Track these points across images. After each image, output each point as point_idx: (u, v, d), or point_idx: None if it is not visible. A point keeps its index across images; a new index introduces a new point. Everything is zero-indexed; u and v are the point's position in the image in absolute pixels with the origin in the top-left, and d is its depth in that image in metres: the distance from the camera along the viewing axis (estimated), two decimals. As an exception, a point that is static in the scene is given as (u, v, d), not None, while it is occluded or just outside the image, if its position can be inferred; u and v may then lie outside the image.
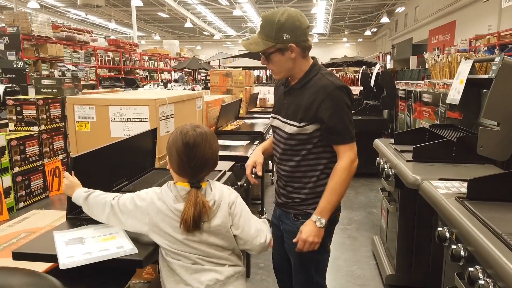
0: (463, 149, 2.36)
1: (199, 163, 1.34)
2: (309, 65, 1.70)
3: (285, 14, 1.57)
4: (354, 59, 12.80)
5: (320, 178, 1.71)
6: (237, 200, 1.43)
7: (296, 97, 1.70)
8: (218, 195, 1.38)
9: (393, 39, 22.40)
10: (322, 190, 1.67)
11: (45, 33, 9.25)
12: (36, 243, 1.40)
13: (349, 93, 1.66)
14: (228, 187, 1.46)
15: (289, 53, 1.61)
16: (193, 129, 1.36)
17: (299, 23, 1.59)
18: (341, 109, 1.62)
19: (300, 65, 1.67)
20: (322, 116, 1.62)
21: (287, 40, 1.58)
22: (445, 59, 4.11)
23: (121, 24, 24.11)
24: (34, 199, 4.58)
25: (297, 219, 1.74)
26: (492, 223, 1.38)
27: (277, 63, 1.65)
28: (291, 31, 1.57)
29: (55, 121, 4.88)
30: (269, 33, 1.58)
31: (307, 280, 1.80)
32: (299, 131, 1.67)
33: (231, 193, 1.44)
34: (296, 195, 1.74)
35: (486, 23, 10.57)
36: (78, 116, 2.72)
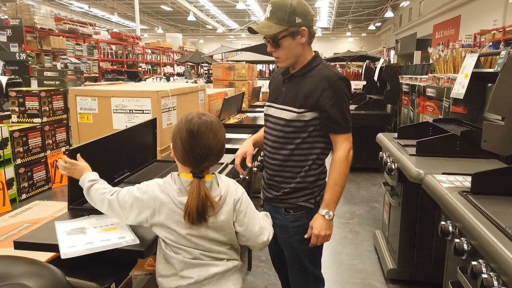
0: (467, 143, 2.35)
1: (203, 152, 1.28)
2: (312, 55, 1.72)
3: (297, 0, 1.61)
4: (358, 54, 12.74)
5: (311, 168, 1.71)
6: (243, 196, 1.39)
7: (296, 84, 1.70)
8: (224, 190, 1.34)
9: (397, 33, 22.26)
10: (312, 180, 1.71)
11: (48, 25, 9.23)
12: (38, 233, 1.40)
13: (348, 85, 1.71)
14: (234, 181, 1.42)
15: (300, 38, 1.63)
16: (198, 116, 1.31)
17: (308, 8, 1.63)
18: (342, 100, 1.65)
19: (306, 52, 1.69)
20: (324, 105, 1.63)
21: (299, 24, 1.60)
22: (449, 54, 4.07)
23: (124, 17, 24.04)
24: (37, 191, 4.59)
25: (288, 212, 1.74)
26: (496, 217, 1.37)
27: (286, 48, 1.65)
28: (303, 15, 1.60)
29: (57, 113, 4.88)
30: (281, 16, 1.59)
31: (303, 271, 1.81)
32: (297, 118, 1.68)
33: (238, 188, 1.40)
34: (286, 185, 1.73)
35: (491, 18, 10.48)
36: (80, 108, 2.71)
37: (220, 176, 1.39)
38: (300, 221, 1.73)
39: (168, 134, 2.74)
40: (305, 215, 1.73)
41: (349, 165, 1.68)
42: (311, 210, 1.72)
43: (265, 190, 1.84)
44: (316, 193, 1.73)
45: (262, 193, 1.88)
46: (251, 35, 10.63)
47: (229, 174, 2.11)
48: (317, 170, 1.73)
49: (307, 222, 1.72)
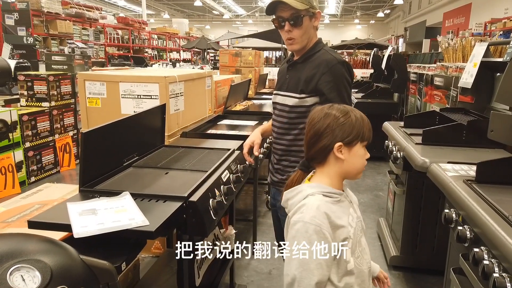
0: (474, 133, 2.35)
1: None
2: (315, 41, 1.76)
3: None
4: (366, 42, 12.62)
5: None
6: (299, 223, 1.12)
7: (298, 71, 1.75)
8: (294, 199, 1.21)
9: (406, 21, 21.94)
10: None
11: (55, 9, 9.21)
12: (51, 213, 1.44)
13: (349, 69, 1.72)
14: (320, 206, 1.14)
15: (314, 20, 1.70)
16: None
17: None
18: (341, 83, 1.67)
19: (313, 37, 1.74)
20: (322, 88, 1.67)
21: (315, 7, 1.68)
22: (458, 43, 4.03)
23: (130, 2, 23.87)
24: (45, 174, 4.66)
25: None
26: (500, 205, 1.38)
27: (304, 28, 1.68)
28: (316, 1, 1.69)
29: (65, 98, 4.92)
30: None
31: None
32: (299, 103, 1.72)
33: (309, 212, 1.12)
34: (291, 169, 1.75)
35: (502, 7, 10.29)
36: (89, 92, 2.74)
37: (311, 185, 1.21)
38: None
39: (175, 120, 2.77)
40: None
41: None
42: None
43: (272, 174, 1.89)
44: None
45: (269, 177, 1.93)
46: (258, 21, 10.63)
47: (236, 160, 2.14)
48: None
49: None
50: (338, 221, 1.14)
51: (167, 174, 1.88)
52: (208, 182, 1.73)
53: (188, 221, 1.51)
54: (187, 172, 1.90)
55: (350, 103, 1.68)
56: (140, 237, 1.33)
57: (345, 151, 1.18)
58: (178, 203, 1.49)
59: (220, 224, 2.18)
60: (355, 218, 1.21)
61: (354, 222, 1.19)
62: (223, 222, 2.26)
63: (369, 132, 1.21)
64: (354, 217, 1.21)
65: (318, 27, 1.75)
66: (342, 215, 1.17)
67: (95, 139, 1.63)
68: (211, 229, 1.72)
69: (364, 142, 1.21)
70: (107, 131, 1.71)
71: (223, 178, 1.89)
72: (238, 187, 2.03)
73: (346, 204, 1.22)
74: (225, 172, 1.94)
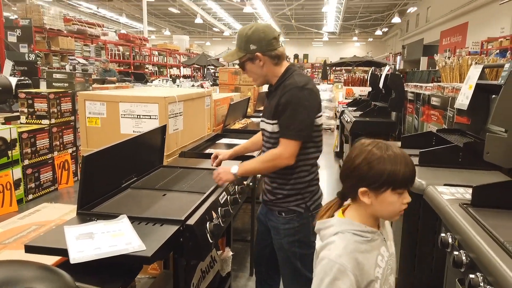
0: (470, 155, 2.36)
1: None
2: (283, 70, 1.84)
3: (253, 28, 1.80)
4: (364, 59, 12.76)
5: (300, 174, 1.83)
6: (325, 260, 1.11)
7: (272, 99, 1.84)
8: (325, 231, 1.19)
9: (403, 39, 22.23)
10: (303, 187, 1.83)
11: (57, 26, 9.35)
12: (48, 237, 1.45)
13: (310, 94, 1.75)
14: (344, 238, 1.14)
15: (258, 61, 1.81)
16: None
17: (264, 34, 1.78)
18: (294, 106, 1.72)
19: (273, 71, 1.84)
20: (279, 111, 1.76)
21: (254, 50, 1.79)
22: (456, 62, 4.08)
23: (132, 19, 24.22)
24: (43, 192, 4.65)
25: (280, 215, 1.87)
26: (495, 230, 1.39)
27: (250, 71, 1.86)
28: (257, 42, 1.78)
29: (65, 115, 4.95)
30: (240, 45, 1.82)
31: (295, 272, 1.90)
32: (274, 129, 1.82)
33: (336, 250, 1.10)
34: (280, 191, 1.85)
35: (498, 26, 10.45)
36: (89, 112, 2.77)
37: (340, 220, 1.19)
38: (290, 224, 1.85)
39: (174, 140, 2.79)
40: (295, 218, 1.84)
41: (274, 162, 1.77)
42: (301, 214, 1.84)
43: (264, 194, 1.96)
44: (307, 198, 1.86)
45: (261, 196, 2.00)
46: None
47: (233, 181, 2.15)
48: (308, 177, 1.85)
49: (297, 225, 1.84)
50: (366, 261, 1.12)
51: (165, 196, 1.89)
52: (205, 204, 1.74)
53: (185, 245, 1.52)
54: (185, 194, 1.91)
55: (304, 127, 1.73)
56: (136, 262, 1.34)
57: (371, 196, 1.13)
58: (175, 227, 1.49)
59: (217, 245, 2.18)
60: (386, 257, 1.18)
61: (384, 262, 1.17)
62: (220, 244, 2.26)
63: (404, 180, 1.12)
64: (385, 256, 1.18)
65: (276, 62, 1.82)
66: (371, 255, 1.14)
67: (96, 162, 1.65)
68: (208, 252, 1.72)
69: (398, 189, 1.13)
70: (107, 153, 1.73)
71: (221, 200, 1.90)
72: (235, 208, 2.04)
73: (378, 242, 1.18)
74: (222, 193, 1.95)
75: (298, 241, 1.85)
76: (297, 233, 1.84)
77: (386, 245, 1.22)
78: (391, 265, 1.22)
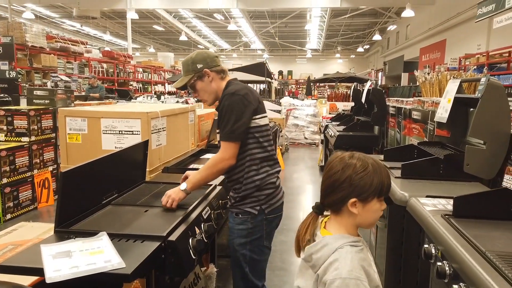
0: (451, 166, 2.40)
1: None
2: (225, 83, 2.00)
3: (195, 52, 2.00)
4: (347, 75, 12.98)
5: (249, 175, 1.91)
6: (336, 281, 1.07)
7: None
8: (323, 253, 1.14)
9: (385, 56, 22.76)
10: (255, 186, 1.90)
11: (39, 43, 9.26)
12: (23, 256, 1.39)
13: (242, 99, 1.88)
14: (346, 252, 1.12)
15: (207, 78, 1.96)
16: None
17: (206, 54, 2.00)
18: (227, 111, 1.87)
19: (220, 86, 1.99)
20: (218, 119, 1.94)
21: (201, 68, 1.95)
22: (435, 77, 4.19)
23: (116, 36, 24.21)
24: (22, 211, 4.52)
25: (237, 216, 1.94)
26: (477, 241, 1.40)
27: (201, 89, 1.99)
28: (202, 61, 1.96)
29: (46, 132, 4.86)
30: (187, 68, 1.98)
31: (242, 277, 1.95)
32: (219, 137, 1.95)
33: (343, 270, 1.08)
34: (237, 195, 1.95)
35: (475, 43, 10.81)
36: (70, 128, 2.73)
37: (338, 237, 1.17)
38: (244, 225, 1.92)
39: (157, 156, 2.76)
40: (249, 220, 1.92)
41: (216, 167, 1.89)
42: (255, 216, 1.90)
43: (229, 199, 2.05)
44: (263, 201, 1.92)
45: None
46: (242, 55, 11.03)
47: (218, 196, 2.13)
48: (257, 177, 1.91)
49: (250, 227, 1.91)
50: (370, 269, 1.13)
51: (147, 212, 1.85)
52: (188, 220, 1.71)
53: (167, 262, 1.49)
54: (167, 209, 1.88)
55: (238, 129, 1.85)
56: (116, 280, 1.29)
57: (359, 206, 1.17)
58: (156, 243, 1.46)
59: (201, 262, 2.13)
60: (373, 265, 1.20)
61: (373, 265, 1.19)
62: (204, 260, 2.22)
63: (387, 187, 1.19)
64: (373, 264, 1.21)
65: (221, 76, 1.99)
66: (370, 262, 1.16)
67: (75, 178, 1.61)
68: (191, 269, 1.69)
69: (381, 197, 1.19)
70: (87, 169, 1.69)
71: (204, 215, 1.87)
72: (219, 223, 2.01)
73: (366, 250, 1.20)
74: (206, 208, 1.93)
75: (249, 243, 1.92)
76: (249, 235, 1.92)
77: (370, 253, 1.24)
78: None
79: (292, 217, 4.62)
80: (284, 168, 7.29)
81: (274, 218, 1.98)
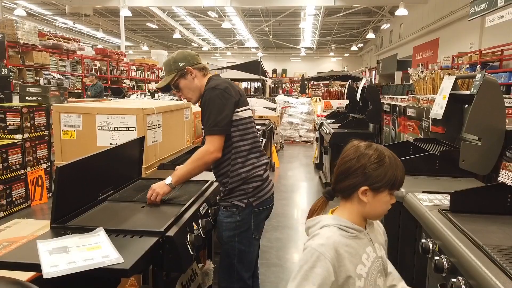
0: (446, 162, 2.42)
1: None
2: (206, 80, 2.02)
3: (176, 52, 2.04)
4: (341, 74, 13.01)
5: (235, 168, 1.94)
6: (306, 248, 1.14)
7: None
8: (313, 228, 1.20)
9: (378, 54, 22.85)
10: (242, 178, 1.93)
11: (31, 40, 9.15)
12: (19, 252, 1.38)
13: (222, 93, 1.90)
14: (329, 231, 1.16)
15: (190, 75, 1.99)
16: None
17: (187, 53, 2.04)
18: (209, 105, 1.91)
19: (202, 82, 2.02)
20: (201, 115, 1.96)
21: (183, 66, 1.99)
22: (428, 75, 4.21)
23: (109, 34, 24.02)
24: (15, 209, 4.47)
25: (225, 209, 1.97)
26: (474, 235, 1.41)
27: (185, 88, 2.02)
28: (183, 59, 2.00)
29: (39, 129, 4.81)
30: (169, 68, 2.01)
31: (229, 268, 1.98)
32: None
33: (316, 238, 1.15)
34: (224, 189, 1.98)
35: (468, 41, 10.89)
36: (64, 125, 2.70)
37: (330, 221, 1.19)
38: (232, 218, 1.95)
39: (153, 152, 2.74)
40: (237, 213, 1.94)
41: (203, 160, 1.90)
42: (243, 209, 1.93)
43: (219, 194, 2.07)
44: (250, 194, 1.94)
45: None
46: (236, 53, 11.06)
47: (215, 192, 2.12)
48: (243, 169, 1.93)
49: (238, 219, 1.94)
50: (347, 256, 1.13)
51: (143, 208, 1.84)
52: (185, 215, 1.70)
53: (165, 257, 1.48)
54: (164, 206, 1.87)
55: (220, 122, 1.87)
56: (114, 275, 1.29)
57: (369, 195, 1.17)
58: (154, 239, 1.45)
59: (198, 258, 2.13)
60: (372, 257, 1.20)
61: (369, 261, 1.18)
62: (201, 256, 2.21)
63: (400, 182, 1.19)
64: (372, 256, 1.20)
65: (203, 73, 2.02)
66: (355, 251, 1.16)
67: (71, 174, 1.59)
68: (189, 264, 1.68)
69: (393, 190, 1.20)
70: (83, 165, 1.67)
71: (201, 211, 1.86)
72: (216, 219, 2.00)
73: (364, 241, 1.20)
74: (203, 204, 1.92)
75: (238, 236, 1.95)
76: (237, 228, 1.94)
77: (374, 247, 1.22)
78: (379, 268, 1.22)
79: (287, 215, 4.63)
80: (279, 165, 7.30)
81: (262, 211, 2.00)
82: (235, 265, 1.97)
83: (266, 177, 2.03)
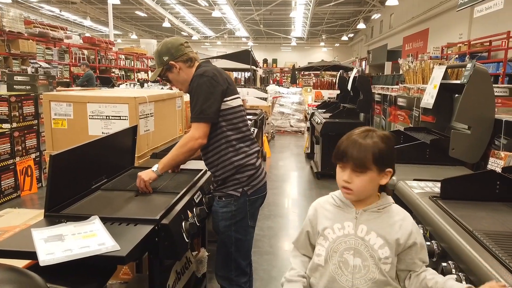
0: (436, 151, 2.45)
1: None
2: (194, 69, 2.00)
3: (161, 44, 2.02)
4: (331, 64, 13.02)
5: (227, 157, 1.92)
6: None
7: None
8: None
9: (369, 45, 22.89)
10: (235, 166, 1.92)
11: (17, 28, 8.95)
12: (13, 240, 1.37)
13: (210, 80, 1.89)
14: (322, 197, 1.39)
15: (175, 69, 1.98)
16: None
17: (171, 44, 1.98)
18: (196, 92, 1.90)
19: (189, 73, 2.00)
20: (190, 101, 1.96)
21: (167, 60, 1.97)
22: (418, 66, 4.24)
23: (96, 22, 23.61)
24: (5, 199, 4.42)
25: (220, 199, 1.96)
26: (464, 220, 1.44)
27: (173, 80, 2.04)
28: (167, 53, 1.97)
29: (28, 119, 4.74)
30: (157, 62, 2.01)
31: (226, 257, 1.99)
32: None
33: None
34: (217, 178, 1.97)
35: (457, 32, 10.97)
36: (55, 113, 2.66)
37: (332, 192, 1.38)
38: (228, 208, 1.94)
39: (145, 141, 2.73)
40: (233, 202, 1.94)
41: (188, 146, 1.90)
42: (238, 198, 1.93)
43: (211, 184, 2.06)
44: (244, 183, 1.94)
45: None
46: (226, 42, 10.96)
47: (209, 181, 2.13)
48: (236, 158, 1.92)
49: (234, 209, 1.94)
50: (321, 215, 1.31)
51: (137, 196, 1.84)
52: (180, 204, 1.71)
53: (161, 245, 1.48)
54: (158, 194, 1.87)
55: (207, 110, 1.85)
56: (111, 262, 1.29)
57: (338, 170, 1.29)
58: (149, 226, 1.45)
59: (192, 246, 2.14)
60: (346, 231, 1.24)
61: (341, 232, 1.25)
62: (195, 244, 2.22)
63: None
64: (346, 230, 1.24)
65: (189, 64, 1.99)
66: (331, 217, 1.29)
67: (64, 162, 1.58)
68: (184, 251, 1.69)
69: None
70: (76, 153, 1.66)
71: (196, 199, 1.87)
72: (211, 208, 2.01)
73: (346, 216, 1.27)
74: (197, 193, 1.93)
75: (234, 225, 1.95)
76: (233, 217, 1.94)
77: (356, 226, 1.25)
78: (352, 246, 1.23)
79: (278, 204, 4.66)
80: (270, 155, 7.32)
81: (257, 199, 2.00)
82: (232, 254, 1.98)
83: (259, 165, 2.03)
